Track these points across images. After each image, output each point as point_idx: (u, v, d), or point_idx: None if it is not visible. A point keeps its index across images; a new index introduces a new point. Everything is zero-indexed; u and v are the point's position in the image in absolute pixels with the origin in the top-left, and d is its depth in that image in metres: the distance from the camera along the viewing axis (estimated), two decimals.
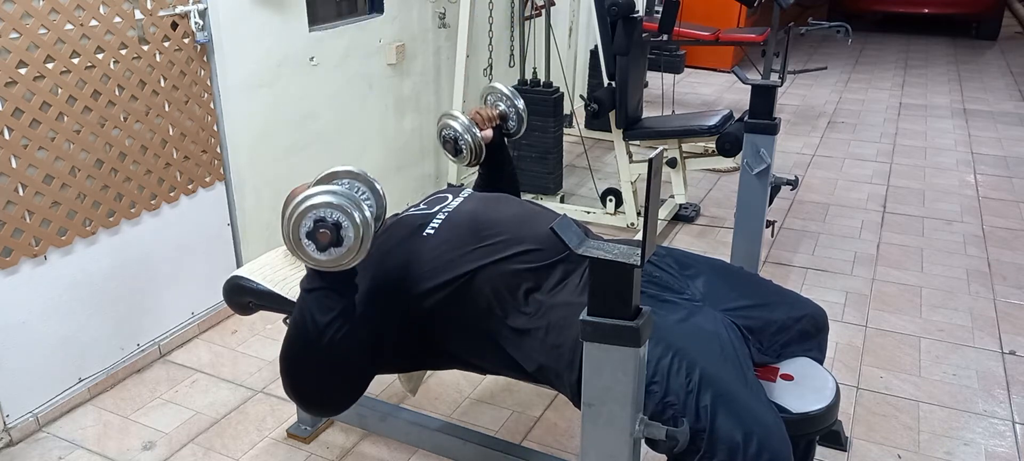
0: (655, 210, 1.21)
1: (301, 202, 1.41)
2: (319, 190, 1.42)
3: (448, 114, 2.08)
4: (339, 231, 1.41)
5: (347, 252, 1.44)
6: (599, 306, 1.24)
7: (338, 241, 1.42)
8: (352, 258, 1.45)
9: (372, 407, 2.19)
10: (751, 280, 1.86)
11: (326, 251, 1.43)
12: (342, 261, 1.45)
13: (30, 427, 2.29)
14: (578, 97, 4.78)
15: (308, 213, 1.41)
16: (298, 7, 2.92)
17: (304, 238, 1.43)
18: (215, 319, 2.88)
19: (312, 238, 1.42)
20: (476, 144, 2.06)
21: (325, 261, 1.45)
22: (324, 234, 1.41)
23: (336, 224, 1.41)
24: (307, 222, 1.41)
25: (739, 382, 1.46)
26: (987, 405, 2.44)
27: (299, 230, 1.42)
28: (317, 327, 1.50)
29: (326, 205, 1.41)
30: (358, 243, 1.43)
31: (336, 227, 1.41)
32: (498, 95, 2.19)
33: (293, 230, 1.42)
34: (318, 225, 1.41)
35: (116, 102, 2.35)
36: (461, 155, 2.08)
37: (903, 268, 3.34)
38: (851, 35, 3.25)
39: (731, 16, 6.79)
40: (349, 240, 1.42)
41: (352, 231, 1.42)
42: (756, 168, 2.60)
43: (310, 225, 1.42)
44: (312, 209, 1.41)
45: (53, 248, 2.27)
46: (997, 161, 4.76)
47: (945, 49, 8.42)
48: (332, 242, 1.42)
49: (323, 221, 1.41)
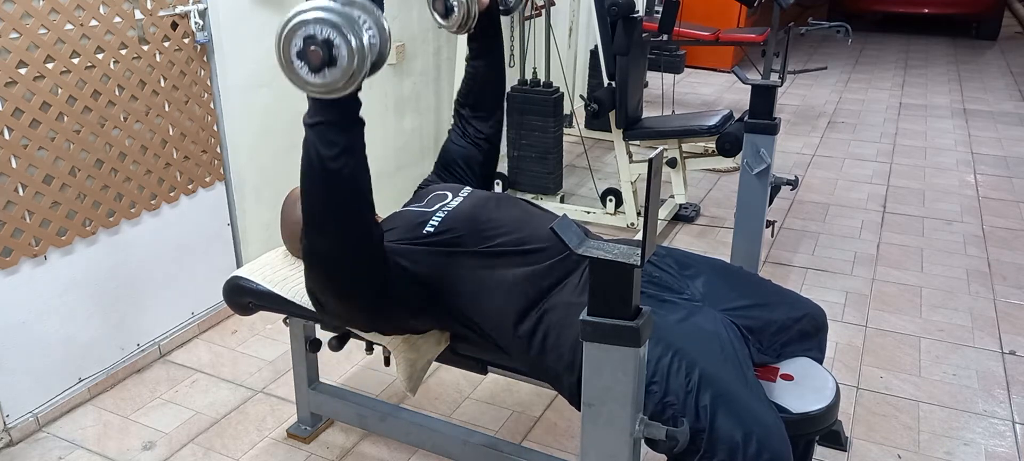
0: (655, 210, 1.21)
1: (291, 18, 1.31)
2: (311, 5, 1.31)
3: None
4: (331, 50, 1.30)
5: (341, 75, 1.32)
6: (599, 306, 1.24)
7: (331, 61, 1.31)
8: (346, 82, 1.33)
9: (372, 407, 2.19)
10: (751, 280, 1.86)
11: (319, 72, 1.32)
12: (336, 85, 1.34)
13: (30, 427, 2.30)
14: (578, 97, 4.78)
15: (298, 30, 1.30)
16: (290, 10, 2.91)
17: (295, 58, 1.32)
18: (215, 319, 2.88)
19: (303, 57, 1.31)
20: (469, 4, 1.85)
21: (319, 84, 1.34)
22: (314, 52, 1.30)
23: (327, 41, 1.29)
24: (297, 40, 1.31)
25: (739, 382, 1.46)
26: (987, 405, 2.44)
27: (290, 48, 1.32)
28: (321, 160, 1.42)
29: (317, 21, 1.29)
30: (352, 65, 1.31)
31: (327, 45, 1.29)
32: None
33: (284, 48, 1.32)
34: (308, 42, 1.30)
35: (116, 102, 2.35)
36: (451, 16, 1.88)
37: (903, 268, 3.34)
38: (851, 35, 3.24)
39: (731, 16, 6.79)
40: (342, 60, 1.30)
41: (345, 50, 1.30)
42: (756, 168, 2.60)
43: (300, 43, 1.31)
44: (302, 26, 1.30)
45: (53, 248, 2.27)
46: (997, 161, 4.76)
47: (945, 49, 8.42)
48: (324, 62, 1.31)
49: (313, 38, 1.30)
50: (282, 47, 1.33)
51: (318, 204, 1.49)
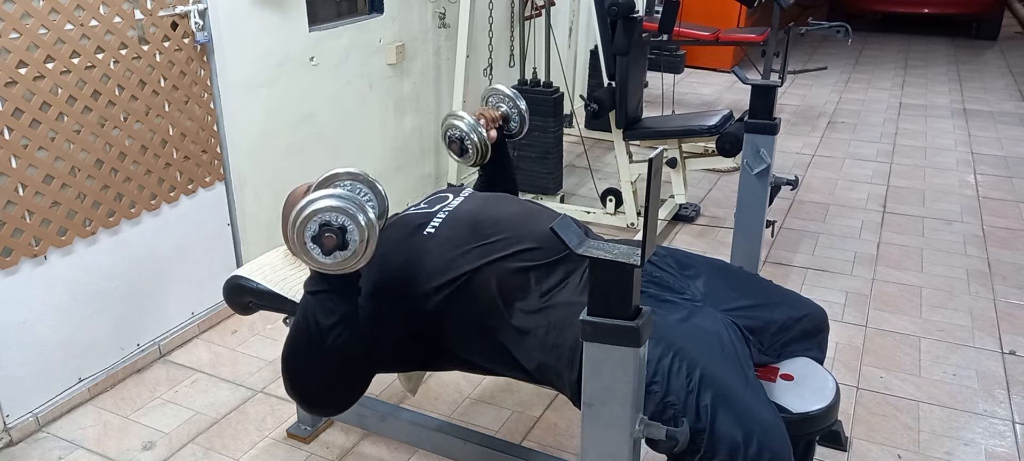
0: (655, 210, 1.21)
1: (305, 207, 1.41)
2: (322, 194, 1.42)
3: (453, 114, 2.09)
4: (345, 235, 1.41)
5: (353, 255, 1.43)
6: (599, 306, 1.24)
7: (343, 244, 1.42)
8: (357, 261, 1.45)
9: (372, 407, 2.19)
10: (751, 280, 1.86)
11: (332, 254, 1.43)
12: (347, 264, 1.45)
13: (30, 427, 2.30)
14: (578, 97, 4.78)
15: (313, 217, 1.40)
16: (298, 7, 2.92)
17: (309, 242, 1.42)
18: (215, 319, 2.88)
19: (317, 242, 1.42)
20: (482, 143, 2.06)
21: (331, 265, 1.44)
22: (330, 238, 1.41)
23: (341, 227, 1.41)
24: (312, 226, 1.41)
25: (739, 382, 1.46)
26: (987, 405, 2.44)
27: (304, 235, 1.42)
28: (320, 330, 1.51)
29: (330, 209, 1.40)
30: (363, 245, 1.43)
31: (341, 231, 1.41)
32: (500, 96, 2.20)
33: (298, 234, 1.42)
34: (324, 229, 1.41)
35: (116, 102, 2.35)
36: (466, 155, 2.09)
37: (903, 268, 3.34)
38: (851, 35, 3.24)
39: (731, 16, 6.79)
40: (354, 243, 1.42)
41: (358, 234, 1.41)
42: (756, 168, 2.60)
43: (315, 229, 1.41)
44: (317, 213, 1.40)
45: (53, 248, 2.27)
46: (997, 161, 4.76)
47: (945, 49, 8.42)
48: (337, 245, 1.41)
49: (329, 225, 1.40)
50: (296, 232, 1.42)
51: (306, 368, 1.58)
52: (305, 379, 1.59)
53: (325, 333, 1.50)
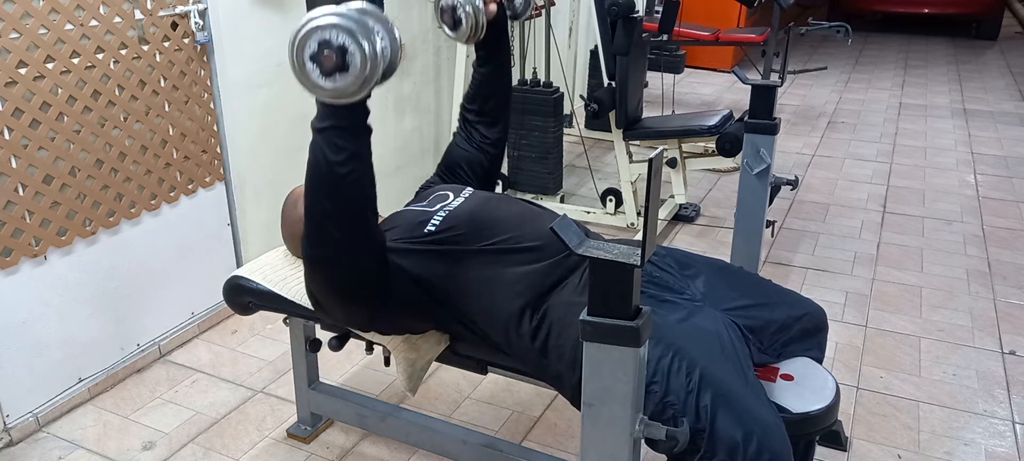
0: (655, 210, 1.21)
1: (306, 22, 1.33)
2: (326, 11, 1.32)
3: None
4: (345, 56, 1.32)
5: (353, 80, 1.34)
6: (599, 306, 1.24)
7: (343, 66, 1.33)
8: (358, 88, 1.35)
9: (372, 407, 2.19)
10: (751, 280, 1.86)
11: (330, 76, 1.34)
12: (348, 90, 1.35)
13: (30, 427, 2.30)
14: (578, 97, 4.78)
15: (313, 34, 1.32)
16: (298, 7, 2.92)
17: (307, 61, 1.34)
18: (215, 319, 2.88)
19: (316, 61, 1.33)
20: (477, 16, 1.85)
21: (329, 89, 1.36)
22: (328, 57, 1.32)
23: (341, 47, 1.31)
24: (311, 43, 1.33)
25: (739, 382, 1.46)
26: (987, 405, 2.44)
27: (303, 51, 1.33)
28: (329, 164, 1.44)
29: (332, 26, 1.31)
30: (365, 71, 1.33)
31: (341, 50, 1.31)
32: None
33: (297, 51, 1.34)
34: (322, 47, 1.32)
35: (116, 102, 2.35)
36: (459, 27, 1.88)
37: (903, 268, 3.34)
38: (851, 35, 3.24)
39: (731, 16, 6.79)
40: (355, 66, 1.32)
41: (358, 57, 1.31)
42: (756, 168, 2.60)
43: (314, 47, 1.33)
44: (317, 30, 1.32)
45: (53, 248, 2.27)
46: (997, 161, 4.76)
47: (945, 49, 8.42)
48: (337, 66, 1.33)
49: (328, 43, 1.32)
50: (296, 50, 1.35)
51: (322, 208, 1.51)
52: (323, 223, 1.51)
53: (334, 167, 1.44)
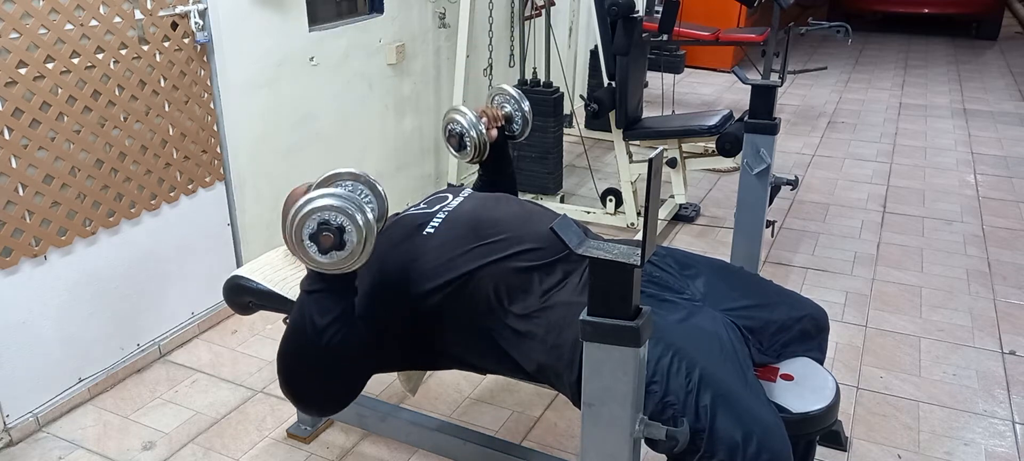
0: (655, 210, 1.21)
1: (304, 205, 1.42)
2: (322, 193, 1.43)
3: (455, 109, 2.08)
4: (342, 235, 1.42)
5: (350, 255, 1.44)
6: (599, 306, 1.24)
7: (341, 244, 1.42)
8: (354, 261, 1.45)
9: (372, 407, 2.19)
10: (751, 280, 1.86)
11: (328, 254, 1.43)
12: (344, 264, 1.45)
13: (30, 427, 2.30)
14: (578, 97, 4.78)
15: (311, 216, 1.41)
16: (298, 7, 2.92)
17: (306, 240, 1.43)
18: (215, 319, 2.88)
19: (315, 240, 1.43)
20: (481, 141, 2.05)
21: (327, 264, 1.45)
22: (327, 237, 1.41)
23: (339, 227, 1.41)
24: (310, 224, 1.42)
25: (739, 382, 1.46)
26: (987, 405, 2.44)
27: (302, 232, 1.42)
28: (316, 329, 1.51)
29: (329, 208, 1.41)
30: (361, 246, 1.43)
31: (339, 230, 1.41)
32: (505, 96, 2.20)
33: (296, 232, 1.43)
34: (322, 228, 1.41)
35: (116, 102, 2.35)
36: (465, 151, 2.08)
37: (903, 268, 3.34)
38: (851, 35, 3.25)
39: (731, 16, 6.79)
40: (352, 243, 1.43)
41: (355, 234, 1.42)
42: (756, 168, 2.60)
43: (313, 227, 1.42)
44: (315, 212, 1.41)
45: (53, 248, 2.27)
46: (997, 161, 4.76)
47: (945, 49, 8.42)
48: (335, 245, 1.42)
49: (327, 224, 1.41)
50: (294, 229, 1.43)
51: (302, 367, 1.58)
52: (300, 379, 1.59)
53: (321, 332, 1.51)
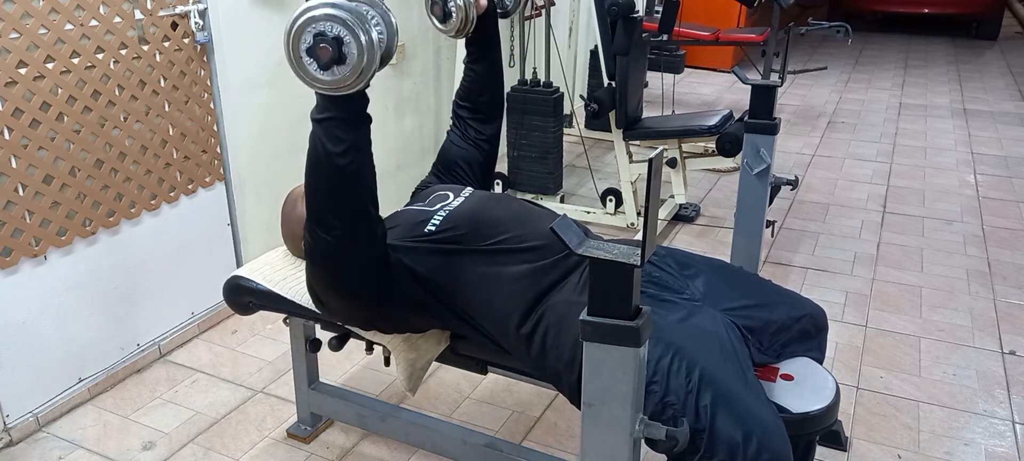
0: (655, 210, 1.21)
1: (301, 14, 1.32)
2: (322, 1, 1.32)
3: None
4: (341, 47, 1.32)
5: (351, 72, 1.34)
6: (599, 306, 1.24)
7: (341, 57, 1.32)
8: (356, 79, 1.35)
9: (372, 407, 2.19)
10: (751, 280, 1.86)
11: (328, 69, 1.34)
12: (346, 82, 1.35)
13: (30, 427, 2.30)
14: (578, 97, 4.78)
15: (308, 26, 1.32)
16: (298, 7, 2.92)
17: (304, 54, 1.34)
18: (215, 319, 2.88)
19: (312, 55, 1.33)
20: (467, 8, 1.86)
21: (327, 81, 1.36)
22: (325, 49, 1.32)
23: (337, 39, 1.31)
24: (306, 36, 1.33)
25: (739, 382, 1.46)
26: (987, 405, 2.44)
27: (299, 45, 1.33)
28: (328, 155, 1.44)
29: (327, 18, 1.31)
30: (362, 62, 1.33)
31: (337, 42, 1.31)
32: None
33: (293, 45, 1.34)
34: (318, 39, 1.32)
35: (116, 102, 2.35)
36: (449, 20, 1.88)
37: (903, 268, 3.34)
38: (851, 35, 3.25)
39: (731, 16, 6.79)
40: (352, 57, 1.32)
41: (355, 48, 1.31)
42: (756, 168, 2.60)
43: (310, 40, 1.33)
44: (312, 22, 1.32)
45: (53, 248, 2.27)
46: (997, 161, 4.76)
47: (945, 49, 8.42)
48: (334, 59, 1.32)
49: (323, 35, 1.31)
50: (291, 43, 1.34)
51: (323, 200, 1.51)
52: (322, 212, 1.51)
53: (333, 158, 1.44)
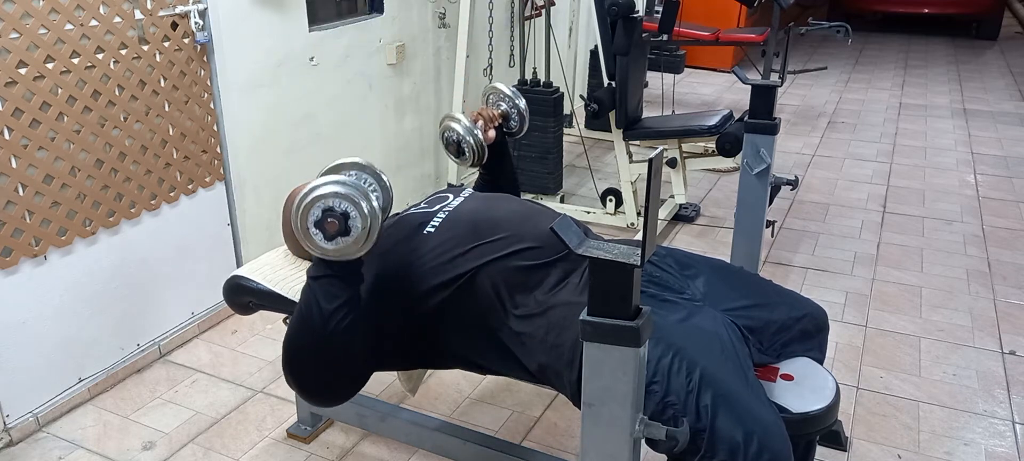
0: (655, 210, 1.21)
1: (309, 191, 1.44)
2: (327, 180, 1.45)
3: (450, 116, 2.09)
4: (347, 221, 1.44)
5: (354, 241, 1.46)
6: (599, 306, 1.24)
7: (346, 230, 1.45)
8: (359, 247, 1.47)
9: (372, 407, 2.19)
10: (751, 280, 1.86)
11: (333, 240, 1.45)
12: (349, 251, 1.47)
13: (30, 427, 2.30)
14: (578, 97, 4.78)
15: (316, 202, 1.43)
16: (298, 7, 2.92)
17: (312, 227, 1.45)
18: (215, 319, 2.88)
19: (320, 227, 1.45)
20: (478, 145, 2.06)
21: (332, 250, 1.47)
22: (332, 223, 1.43)
23: (344, 213, 1.43)
24: (315, 211, 1.44)
25: (739, 382, 1.46)
26: (987, 405, 2.44)
27: (307, 219, 1.45)
28: (322, 315, 1.52)
29: (334, 195, 1.43)
30: (365, 233, 1.45)
31: (344, 217, 1.44)
32: (500, 95, 2.21)
33: (301, 219, 1.45)
34: (326, 214, 1.43)
35: (116, 102, 2.35)
36: (463, 156, 2.09)
37: (903, 268, 3.34)
38: (851, 35, 3.25)
39: (731, 16, 6.79)
40: (356, 230, 1.45)
41: (360, 221, 1.44)
42: (756, 168, 2.60)
43: (318, 214, 1.44)
44: (320, 199, 1.43)
45: (53, 248, 2.27)
46: (997, 161, 4.76)
47: (945, 49, 8.42)
48: (340, 231, 1.44)
49: (331, 210, 1.43)
50: (300, 217, 1.45)
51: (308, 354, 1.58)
52: (307, 366, 1.59)
53: (328, 318, 1.51)
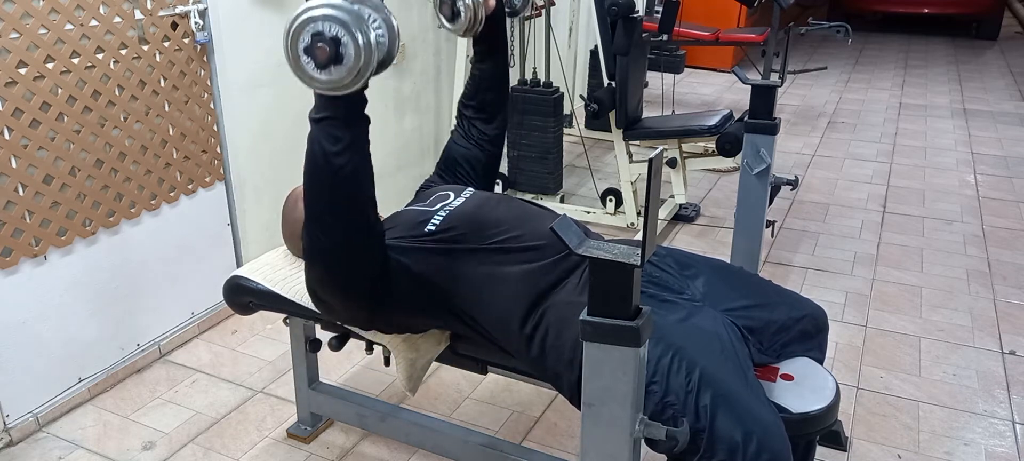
0: (655, 210, 1.21)
1: (300, 14, 1.33)
2: (320, 2, 1.33)
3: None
4: (338, 47, 1.32)
5: (347, 72, 1.34)
6: (599, 306, 1.24)
7: (338, 57, 1.33)
8: (352, 80, 1.35)
9: (372, 407, 2.19)
10: (751, 280, 1.86)
11: (325, 69, 1.34)
12: (342, 82, 1.36)
13: (30, 427, 2.30)
14: (578, 97, 4.78)
15: (306, 26, 1.33)
16: (298, 7, 2.92)
17: (302, 54, 1.35)
18: (215, 319, 2.88)
19: (310, 54, 1.34)
20: (476, 7, 1.84)
21: (324, 81, 1.36)
22: (322, 49, 1.32)
23: (334, 39, 1.32)
24: (305, 36, 1.33)
25: (739, 382, 1.46)
26: (987, 405, 2.44)
27: (297, 44, 1.34)
28: (326, 155, 1.45)
29: (325, 18, 1.32)
30: (359, 63, 1.33)
31: (334, 42, 1.32)
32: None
33: (292, 44, 1.35)
34: (315, 39, 1.33)
35: (116, 102, 2.35)
36: (458, 20, 1.87)
37: (903, 268, 3.34)
38: (851, 35, 3.25)
39: (731, 16, 6.79)
40: (349, 58, 1.32)
41: (352, 48, 1.32)
42: (756, 168, 2.60)
43: (307, 39, 1.33)
44: (310, 22, 1.32)
45: (53, 248, 2.27)
46: (997, 161, 4.76)
47: (945, 49, 8.42)
48: (331, 58, 1.33)
49: (321, 35, 1.32)
50: (290, 43, 1.35)
51: (321, 200, 1.51)
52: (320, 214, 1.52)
53: (331, 159, 1.44)
